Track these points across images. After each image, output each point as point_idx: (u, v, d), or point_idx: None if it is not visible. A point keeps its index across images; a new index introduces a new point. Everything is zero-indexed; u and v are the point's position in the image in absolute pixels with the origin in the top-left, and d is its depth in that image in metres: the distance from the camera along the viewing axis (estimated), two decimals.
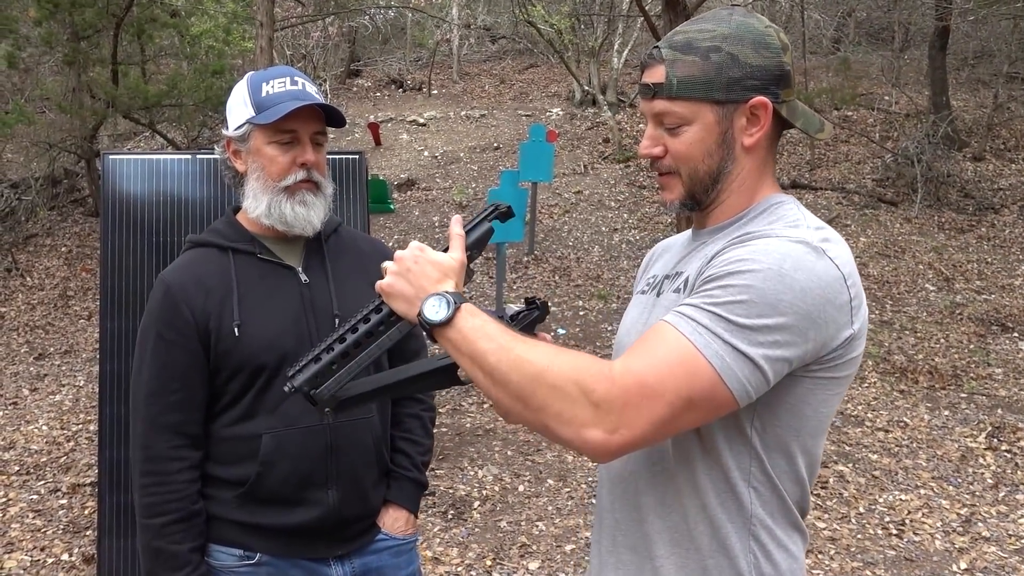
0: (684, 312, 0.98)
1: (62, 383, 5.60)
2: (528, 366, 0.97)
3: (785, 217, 1.08)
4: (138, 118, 8.88)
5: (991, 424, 4.65)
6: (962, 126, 10.55)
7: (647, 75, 1.11)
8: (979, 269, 7.44)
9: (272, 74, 1.52)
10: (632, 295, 1.35)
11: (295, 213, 1.49)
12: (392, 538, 1.61)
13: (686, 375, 0.94)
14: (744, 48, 1.06)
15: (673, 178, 1.13)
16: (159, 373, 1.45)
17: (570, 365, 0.96)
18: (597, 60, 13.16)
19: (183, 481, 1.45)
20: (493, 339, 0.99)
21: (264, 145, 1.48)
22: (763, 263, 0.96)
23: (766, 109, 1.08)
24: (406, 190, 10.36)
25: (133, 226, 3.13)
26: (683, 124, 1.08)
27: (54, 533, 3.49)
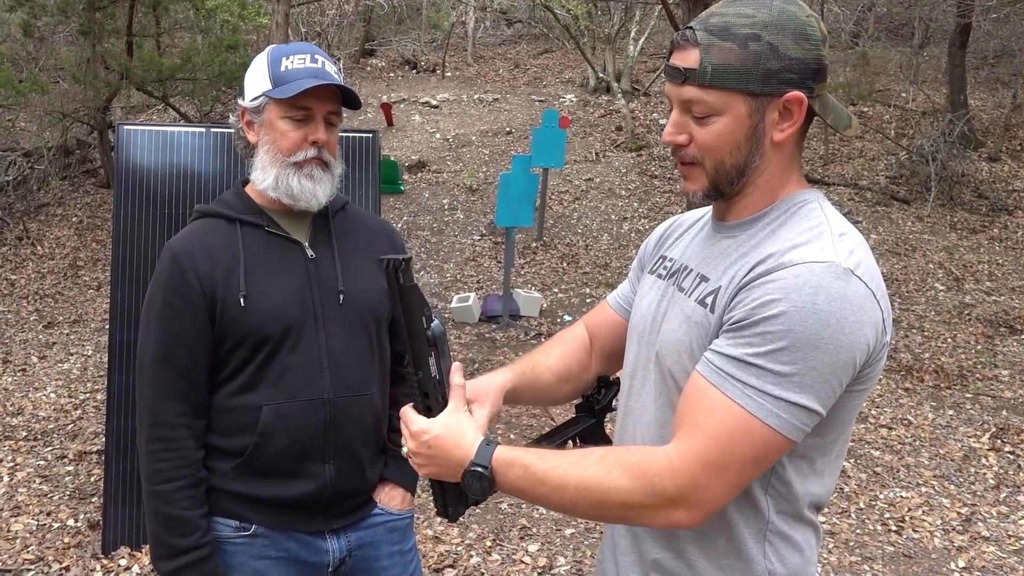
0: (726, 370, 0.96)
1: (70, 352, 5.64)
2: (591, 494, 0.99)
3: (808, 220, 1.04)
4: (151, 91, 8.88)
5: (995, 425, 4.65)
6: (979, 126, 10.46)
7: (678, 57, 1.05)
8: (990, 270, 7.40)
9: (293, 49, 1.52)
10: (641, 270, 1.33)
11: (301, 187, 1.49)
12: (388, 513, 1.62)
13: (746, 442, 0.95)
14: (785, 38, 1.00)
15: (696, 169, 1.08)
16: (165, 340, 1.46)
17: (628, 474, 0.98)
18: (613, 47, 13.08)
19: (189, 448, 1.46)
20: (544, 481, 1.01)
21: (278, 119, 1.48)
22: (796, 302, 0.93)
23: (800, 105, 1.02)
24: (417, 172, 10.35)
25: (145, 197, 3.14)
26: (713, 114, 1.03)
27: (60, 499, 3.53)
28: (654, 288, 1.21)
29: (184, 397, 1.46)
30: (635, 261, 1.36)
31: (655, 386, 1.12)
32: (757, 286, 0.98)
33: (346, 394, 1.51)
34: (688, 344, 1.05)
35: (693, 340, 1.05)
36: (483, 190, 9.59)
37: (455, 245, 8.12)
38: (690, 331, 1.06)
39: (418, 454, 1.09)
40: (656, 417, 1.12)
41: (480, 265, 7.67)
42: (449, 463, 1.06)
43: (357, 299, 1.55)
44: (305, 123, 1.49)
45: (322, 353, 1.50)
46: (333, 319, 1.52)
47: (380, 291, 1.58)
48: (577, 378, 1.33)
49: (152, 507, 1.45)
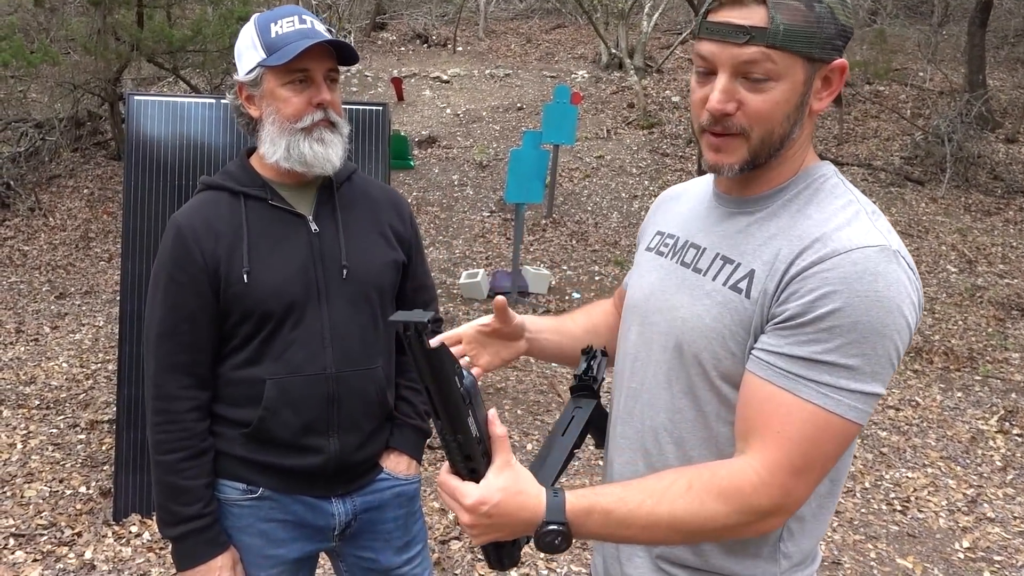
0: (794, 371, 0.93)
1: (82, 322, 5.69)
2: (685, 527, 0.95)
3: (837, 198, 1.01)
4: (162, 62, 8.85)
5: (1004, 408, 4.63)
6: (997, 106, 10.31)
7: (734, 14, 0.95)
8: (1003, 253, 7.33)
9: (279, 14, 1.48)
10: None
11: (314, 152, 1.47)
12: (394, 478, 1.63)
13: (828, 440, 0.94)
14: (836, 3, 0.96)
15: (738, 140, 0.99)
16: (169, 314, 1.46)
17: (722, 500, 0.94)
18: (626, 23, 12.92)
19: (192, 420, 1.47)
20: (629, 525, 0.95)
21: (278, 87, 1.45)
22: (859, 291, 0.91)
23: (843, 73, 0.99)
24: (427, 147, 10.31)
25: (155, 168, 3.15)
26: (772, 79, 0.95)
27: (72, 466, 3.58)
28: (655, 266, 1.16)
29: (188, 370, 1.47)
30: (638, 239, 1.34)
31: (670, 371, 1.08)
32: (811, 276, 0.93)
33: (349, 368, 1.51)
34: (720, 332, 1.01)
35: (726, 327, 1.01)
36: (493, 166, 9.54)
37: (464, 221, 8.11)
38: (722, 317, 1.01)
39: (476, 526, 0.95)
40: (671, 403, 1.08)
41: (489, 241, 7.66)
42: (515, 527, 0.95)
43: (361, 273, 1.54)
44: (306, 85, 1.46)
45: (325, 328, 1.49)
46: (336, 294, 1.51)
47: (385, 264, 1.58)
48: (602, 333, 1.35)
49: (157, 476, 1.48)
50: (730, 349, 1.01)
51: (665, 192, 1.31)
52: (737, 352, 1.01)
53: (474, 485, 0.95)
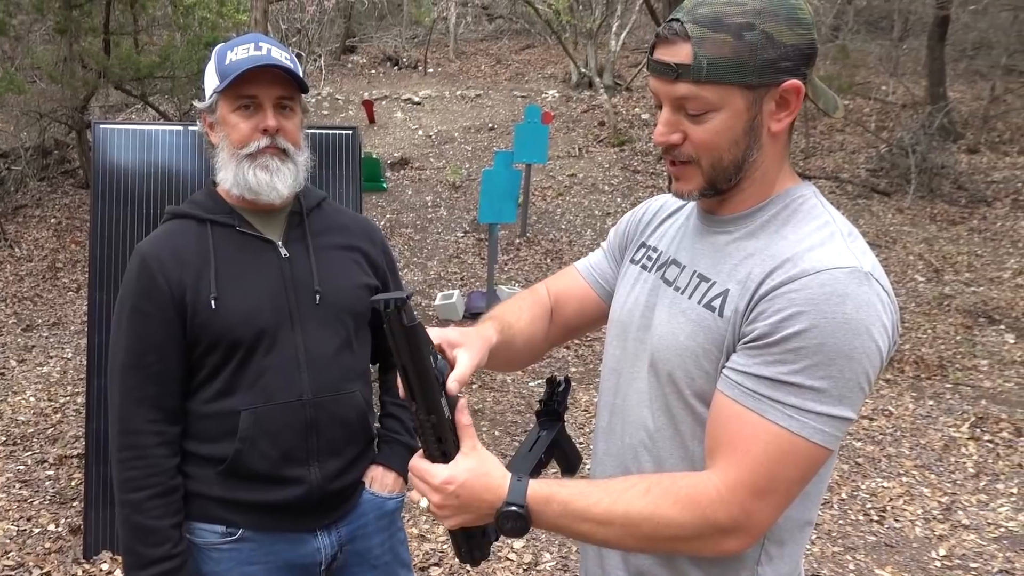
0: (760, 392, 0.93)
1: (50, 355, 5.58)
2: (639, 528, 0.95)
3: (814, 219, 1.01)
4: (130, 89, 8.78)
5: (975, 414, 4.70)
6: (958, 118, 10.56)
7: (666, 52, 0.98)
8: (969, 261, 7.47)
9: (238, 42, 1.48)
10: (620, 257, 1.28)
11: (258, 179, 1.45)
12: (377, 496, 1.60)
13: (793, 463, 0.93)
14: (779, 25, 0.95)
15: (691, 168, 1.02)
16: (135, 345, 1.43)
17: (678, 507, 0.94)
18: (595, 42, 13.07)
19: (160, 455, 1.43)
20: (585, 518, 0.95)
21: (228, 113, 1.46)
22: (826, 313, 0.90)
23: (798, 93, 0.98)
24: (399, 169, 10.31)
25: (123, 197, 3.11)
26: (710, 110, 0.97)
27: (40, 504, 3.49)
28: (640, 281, 1.16)
29: (155, 403, 1.44)
30: (613, 236, 1.30)
31: (649, 388, 1.08)
32: (779, 296, 0.93)
33: (327, 394, 1.49)
34: (694, 351, 1.01)
35: (699, 346, 1.01)
36: (466, 186, 9.56)
37: (439, 242, 8.10)
38: (696, 336, 1.01)
39: (445, 506, 0.98)
40: (650, 421, 1.08)
41: (464, 262, 7.66)
42: (480, 508, 0.97)
43: (334, 297, 1.52)
44: (254, 112, 1.45)
45: (299, 354, 1.47)
46: (309, 319, 1.49)
47: (358, 287, 1.56)
48: (537, 346, 1.28)
49: (123, 516, 1.43)
50: (703, 368, 1.01)
51: (652, 202, 1.28)
52: (711, 371, 1.01)
53: (443, 466, 0.98)
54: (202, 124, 1.52)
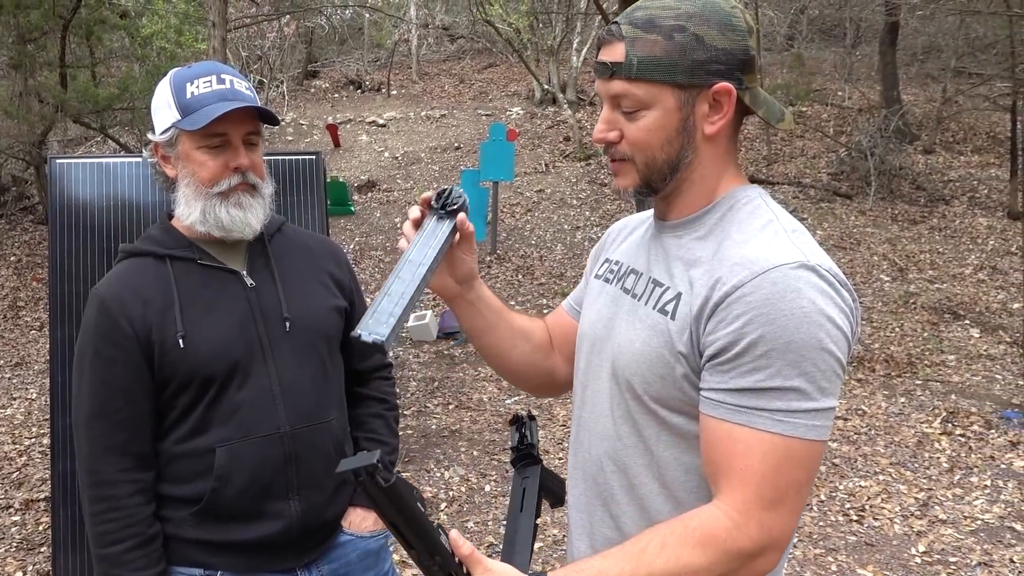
0: (743, 404, 0.93)
1: (13, 396, 5.43)
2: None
3: (758, 218, 1.03)
4: (89, 122, 8.66)
5: (945, 409, 4.77)
6: (913, 120, 10.82)
7: (604, 53, 1.03)
8: (931, 259, 7.63)
9: (196, 72, 1.41)
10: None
11: (231, 217, 1.41)
12: (358, 537, 1.56)
13: (794, 466, 0.92)
14: (710, 29, 0.99)
15: (627, 165, 1.05)
16: (100, 391, 1.38)
17: (699, 550, 0.91)
18: (556, 59, 13.20)
19: (136, 504, 1.37)
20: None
21: (193, 150, 1.39)
22: (783, 311, 0.91)
23: (730, 96, 1.01)
24: (367, 192, 10.28)
25: (83, 231, 3.05)
26: (642, 108, 1.01)
27: (7, 551, 3.38)
28: (603, 293, 1.17)
29: (126, 450, 1.38)
30: (589, 261, 1.33)
31: (611, 398, 1.09)
32: (734, 302, 0.94)
33: (303, 424, 1.45)
34: (648, 356, 1.02)
35: (653, 351, 1.01)
36: None
37: None
38: (650, 340, 1.02)
39: None
40: (612, 430, 1.08)
41: None
42: None
43: (304, 323, 1.48)
44: (223, 150, 1.39)
45: (273, 384, 1.43)
46: (281, 347, 1.45)
47: (328, 310, 1.53)
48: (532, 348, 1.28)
49: (102, 571, 1.37)
50: (658, 372, 1.01)
51: (620, 222, 1.32)
52: (666, 375, 1.01)
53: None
54: (153, 154, 1.45)
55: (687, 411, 1.01)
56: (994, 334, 6.07)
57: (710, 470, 0.97)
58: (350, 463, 0.87)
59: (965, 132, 10.93)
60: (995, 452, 4.26)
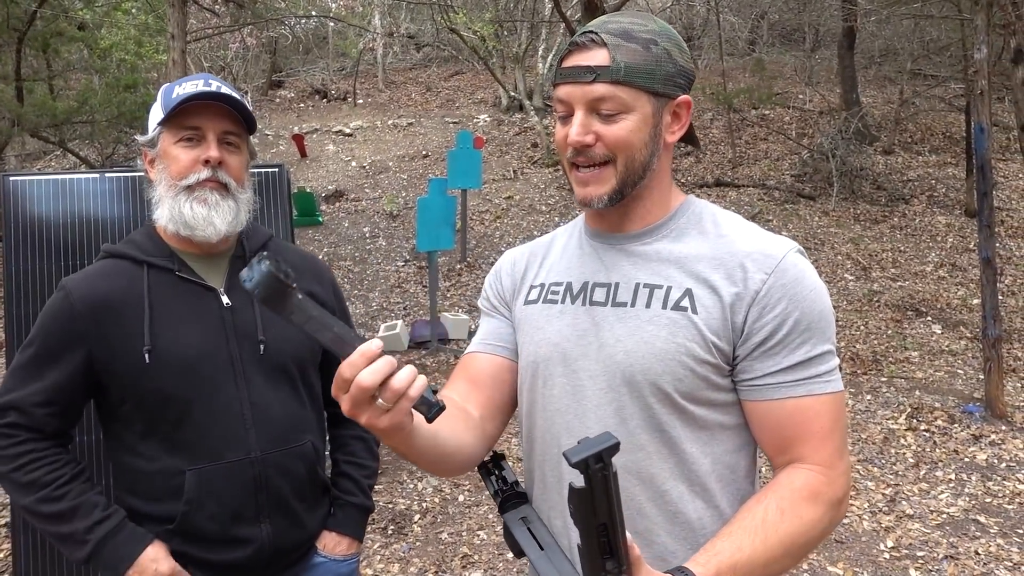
0: (802, 377, 1.03)
1: None
2: (797, 546, 0.99)
3: (731, 217, 1.13)
4: (47, 136, 8.49)
5: (910, 405, 4.87)
6: (872, 121, 11.04)
7: (581, 58, 1.05)
8: (893, 257, 7.78)
9: (187, 79, 1.45)
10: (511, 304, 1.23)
11: (194, 213, 1.38)
12: (331, 560, 1.54)
13: (843, 413, 1.07)
14: (673, 47, 1.07)
15: (607, 169, 1.06)
16: (28, 384, 1.37)
17: (810, 506, 1.00)
18: (522, 66, 13.25)
19: (57, 452, 1.38)
20: (751, 569, 0.95)
21: (170, 145, 1.40)
22: (806, 288, 1.04)
23: (688, 108, 1.09)
24: (334, 201, 10.21)
25: (41, 250, 2.98)
26: (623, 111, 1.04)
27: None
28: (557, 314, 1.14)
29: (37, 432, 1.37)
30: (490, 300, 1.27)
31: (620, 409, 1.06)
32: (772, 288, 1.03)
33: (276, 449, 1.42)
34: (675, 352, 1.03)
35: (680, 346, 1.03)
36: (404, 215, 9.52)
37: (379, 273, 8.03)
38: (674, 337, 1.04)
39: None
40: (628, 443, 1.05)
41: (406, 291, 7.60)
42: None
43: (279, 346, 1.44)
44: (197, 144, 1.40)
45: (245, 408, 1.40)
46: (254, 371, 1.42)
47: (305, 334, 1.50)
48: (462, 436, 1.10)
49: (43, 516, 1.35)
50: (688, 365, 1.03)
51: (513, 252, 1.28)
52: (695, 367, 1.03)
53: None
54: (143, 161, 1.46)
55: (710, 402, 1.06)
56: (955, 330, 6.21)
57: (780, 445, 1.05)
58: (585, 449, 0.77)
59: (922, 132, 11.18)
60: (959, 446, 4.36)
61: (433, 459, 1.04)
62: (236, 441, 1.39)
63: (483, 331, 1.26)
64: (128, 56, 9.35)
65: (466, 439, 1.10)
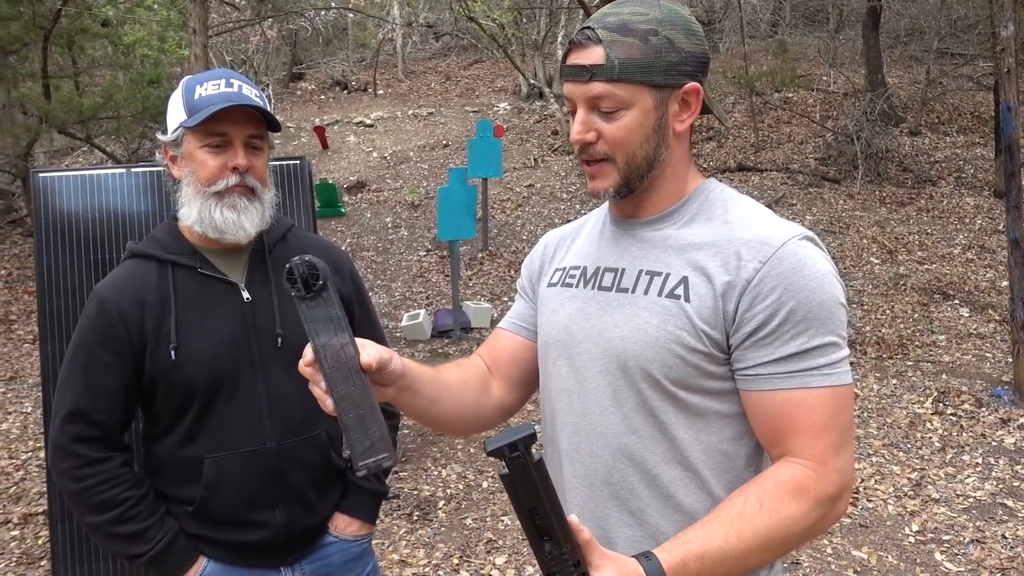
0: (794, 369, 1.01)
1: (8, 411, 5.43)
2: (774, 542, 0.98)
3: (741, 202, 1.11)
4: (74, 132, 8.64)
5: (936, 389, 4.81)
6: (898, 102, 10.85)
7: (579, 56, 1.06)
8: (920, 240, 7.67)
9: (207, 76, 1.47)
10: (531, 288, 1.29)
11: (225, 218, 1.43)
12: (342, 540, 1.59)
13: (845, 409, 1.02)
14: (678, 33, 1.05)
15: (607, 165, 1.08)
16: (87, 392, 1.42)
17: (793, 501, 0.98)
18: (541, 53, 13.20)
19: (128, 471, 1.44)
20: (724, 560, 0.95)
21: (196, 149, 1.43)
22: (805, 277, 1.01)
23: (698, 95, 1.07)
24: (356, 192, 10.27)
25: (70, 244, 3.05)
26: (622, 108, 1.04)
27: (7, 567, 3.38)
28: (566, 298, 1.18)
29: (104, 443, 1.43)
30: (524, 279, 1.33)
31: (616, 393, 1.09)
32: (764, 277, 1.01)
33: (291, 439, 1.48)
34: (665, 340, 1.04)
35: (671, 334, 1.04)
36: (425, 205, 9.56)
37: (401, 263, 8.08)
38: (665, 325, 1.05)
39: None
40: (624, 424, 1.08)
41: (428, 281, 7.64)
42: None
43: (297, 340, 1.48)
44: (224, 149, 1.43)
45: (262, 400, 1.46)
46: (272, 363, 1.47)
47: None
48: (477, 394, 1.23)
49: (105, 534, 1.42)
50: (678, 354, 1.04)
51: (550, 235, 1.33)
52: (687, 356, 1.04)
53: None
54: (163, 156, 1.50)
55: (704, 389, 1.05)
56: (983, 313, 6.12)
57: (772, 437, 1.03)
58: (503, 438, 0.82)
59: (950, 113, 10.97)
60: (986, 430, 4.31)
61: (433, 420, 1.18)
62: (252, 431, 1.45)
63: (513, 309, 1.33)
64: (151, 52, 9.47)
65: (468, 406, 1.21)
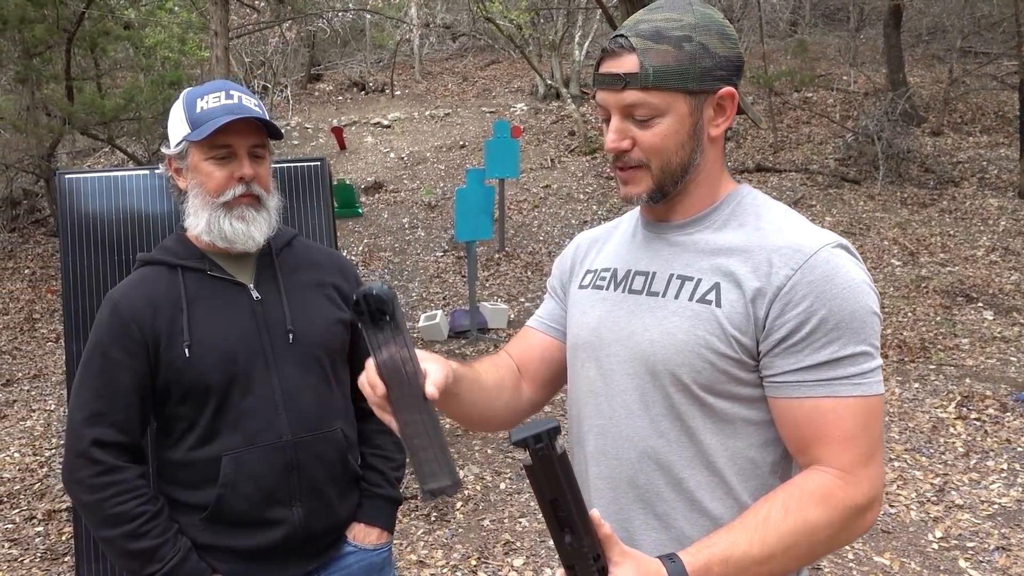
0: (824, 377, 1.00)
1: (32, 408, 5.50)
2: (799, 547, 0.98)
3: (774, 208, 1.11)
4: (96, 134, 8.73)
5: (960, 393, 4.75)
6: (919, 102, 10.73)
7: (613, 65, 1.07)
8: (942, 242, 7.58)
9: (207, 89, 1.50)
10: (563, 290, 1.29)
11: (234, 229, 1.47)
12: (361, 550, 1.59)
13: (877, 419, 1.02)
14: (711, 38, 1.05)
15: (641, 171, 1.09)
16: (104, 393, 1.43)
17: (820, 508, 0.98)
18: (558, 53, 13.18)
19: (144, 485, 1.44)
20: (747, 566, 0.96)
21: (201, 161, 1.46)
22: (838, 286, 1.00)
23: (733, 99, 1.08)
24: (374, 193, 10.31)
25: (94, 245, 3.08)
26: (656, 116, 1.05)
27: (31, 561, 3.43)
28: (597, 300, 1.18)
29: (123, 447, 1.44)
30: (555, 279, 1.33)
31: (643, 396, 1.09)
32: (796, 284, 1.00)
33: (307, 433, 1.49)
34: (695, 344, 1.05)
35: (700, 339, 1.04)
36: (442, 206, 9.58)
37: (419, 263, 8.10)
38: (695, 330, 1.05)
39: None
40: (651, 428, 1.09)
41: (445, 281, 7.66)
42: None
43: (308, 335, 1.52)
44: (229, 161, 1.46)
45: (276, 394, 1.47)
46: (284, 359, 1.50)
47: (330, 323, 1.56)
48: (511, 395, 1.26)
49: (120, 549, 1.41)
50: (707, 359, 1.04)
51: (582, 236, 1.33)
52: (716, 362, 1.04)
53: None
54: (167, 168, 1.53)
55: (733, 395, 1.05)
56: (1008, 316, 6.04)
57: (800, 445, 1.03)
58: (527, 430, 0.83)
59: (973, 112, 10.83)
60: (1011, 435, 4.25)
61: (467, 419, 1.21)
62: (268, 425, 1.47)
63: (542, 308, 1.35)
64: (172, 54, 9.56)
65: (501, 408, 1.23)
